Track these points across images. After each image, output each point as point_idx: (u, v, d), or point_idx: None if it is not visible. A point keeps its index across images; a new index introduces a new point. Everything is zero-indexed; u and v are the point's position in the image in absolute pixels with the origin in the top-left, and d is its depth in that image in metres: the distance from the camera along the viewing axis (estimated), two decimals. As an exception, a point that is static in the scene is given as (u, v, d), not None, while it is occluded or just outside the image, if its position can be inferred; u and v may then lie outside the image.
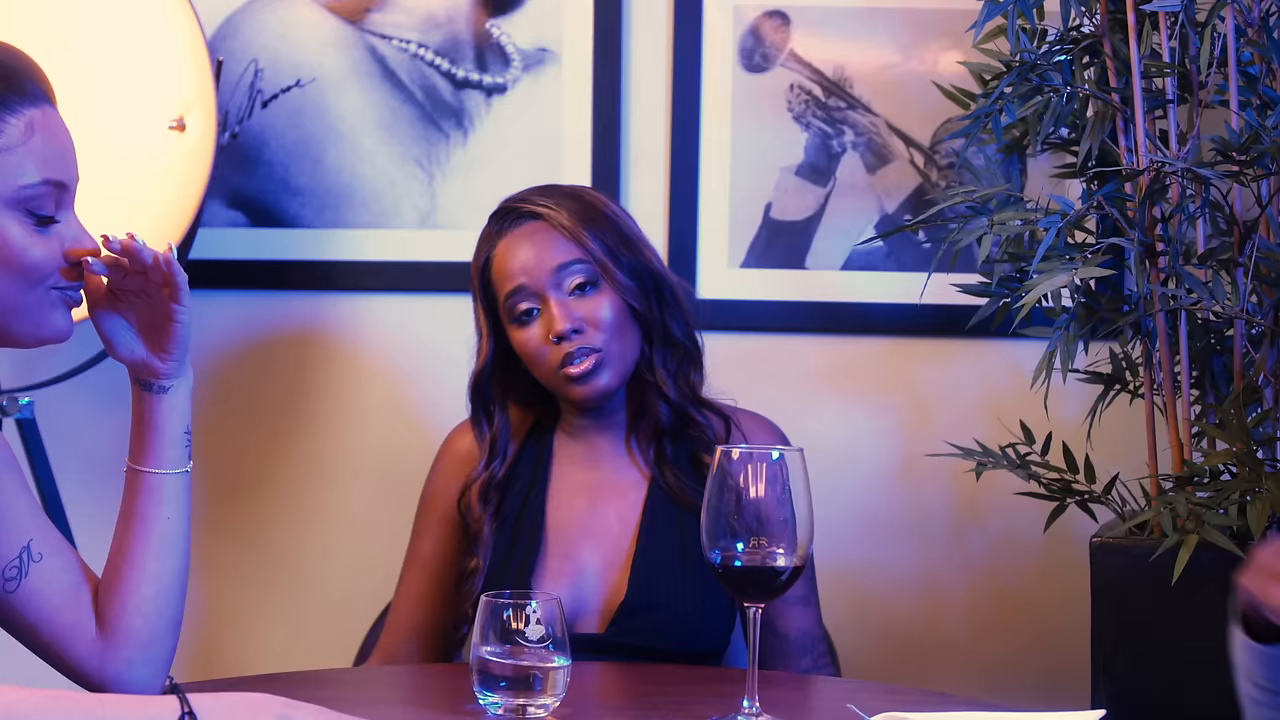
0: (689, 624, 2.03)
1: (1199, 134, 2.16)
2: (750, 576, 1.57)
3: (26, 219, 1.44)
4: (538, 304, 2.02)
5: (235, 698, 1.36)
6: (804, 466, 1.58)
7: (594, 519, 2.08)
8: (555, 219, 2.06)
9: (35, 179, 1.43)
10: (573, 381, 2.01)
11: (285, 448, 2.65)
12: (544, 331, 2.01)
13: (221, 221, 2.60)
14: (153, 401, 1.61)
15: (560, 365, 2.00)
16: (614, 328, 2.03)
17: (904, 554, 2.59)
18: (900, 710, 1.59)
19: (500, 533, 2.07)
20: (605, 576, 2.05)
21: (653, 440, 2.09)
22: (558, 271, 2.02)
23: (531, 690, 1.62)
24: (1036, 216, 2.17)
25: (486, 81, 2.60)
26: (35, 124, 1.45)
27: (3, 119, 1.43)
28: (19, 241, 1.43)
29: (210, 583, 2.62)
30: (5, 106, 1.43)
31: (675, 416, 2.08)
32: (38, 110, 1.46)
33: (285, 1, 2.61)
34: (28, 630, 1.60)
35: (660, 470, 2.08)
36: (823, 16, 2.57)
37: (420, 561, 2.15)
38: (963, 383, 2.57)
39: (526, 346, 2.04)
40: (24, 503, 1.60)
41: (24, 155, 1.43)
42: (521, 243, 2.05)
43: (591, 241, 2.04)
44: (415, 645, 2.13)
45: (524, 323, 2.03)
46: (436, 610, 2.13)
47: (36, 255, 1.44)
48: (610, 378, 2.02)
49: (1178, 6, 2.12)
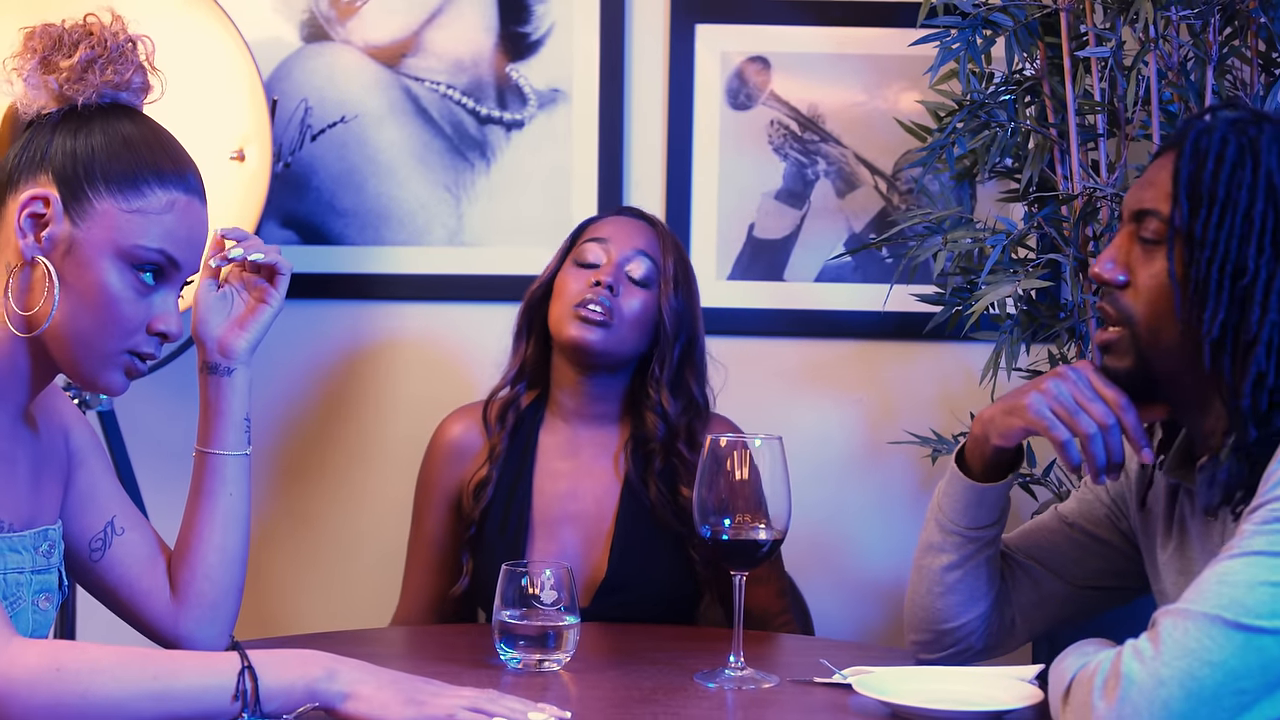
0: (662, 599, 2.02)
1: (1126, 163, 2.16)
2: (735, 548, 1.58)
3: (131, 276, 1.41)
4: (603, 260, 2.04)
5: (288, 653, 1.37)
6: (783, 453, 1.59)
7: (574, 503, 2.07)
8: (657, 226, 2.12)
9: (153, 245, 1.41)
10: (578, 319, 1.99)
11: (332, 437, 2.65)
12: (592, 276, 2.02)
13: (276, 239, 2.60)
14: (218, 385, 1.61)
15: (579, 302, 2.00)
16: (636, 319, 2.03)
17: (870, 528, 2.59)
18: (866, 665, 1.60)
19: (491, 517, 2.05)
20: (586, 556, 2.04)
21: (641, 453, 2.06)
22: (634, 252, 2.05)
23: (546, 647, 1.63)
24: (984, 235, 2.18)
25: (506, 118, 2.61)
26: (177, 204, 1.43)
27: (152, 188, 1.42)
28: (116, 290, 1.41)
29: (267, 554, 2.62)
30: (159, 179, 1.42)
31: (669, 436, 2.05)
32: (185, 196, 1.44)
33: (331, 48, 2.62)
34: (110, 594, 1.61)
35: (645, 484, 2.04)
36: (799, 62, 2.57)
37: (424, 539, 2.14)
38: (921, 380, 2.57)
39: (567, 280, 2.04)
40: (107, 484, 1.61)
41: (153, 222, 1.41)
42: (623, 223, 2.10)
43: (667, 262, 2.07)
44: (426, 609, 2.13)
45: (580, 264, 2.05)
46: (442, 578, 2.12)
47: (125, 310, 1.41)
48: (604, 341, 2.00)
49: (1107, 53, 2.13)
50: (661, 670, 1.65)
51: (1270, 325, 1.36)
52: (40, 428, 1.52)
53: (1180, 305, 1.40)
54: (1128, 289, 1.46)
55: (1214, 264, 1.37)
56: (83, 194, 1.40)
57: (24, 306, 1.41)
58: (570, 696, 1.53)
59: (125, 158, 1.41)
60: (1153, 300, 1.43)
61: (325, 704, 1.35)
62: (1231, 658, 1.22)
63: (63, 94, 1.42)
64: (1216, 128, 1.41)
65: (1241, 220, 1.37)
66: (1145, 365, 1.45)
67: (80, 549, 1.58)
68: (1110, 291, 1.47)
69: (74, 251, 1.40)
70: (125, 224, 1.40)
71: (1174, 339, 1.42)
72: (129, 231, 1.40)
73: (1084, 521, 1.68)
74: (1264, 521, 1.27)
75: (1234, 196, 1.38)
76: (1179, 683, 1.21)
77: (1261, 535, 1.26)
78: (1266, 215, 1.37)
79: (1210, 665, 1.21)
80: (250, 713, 1.31)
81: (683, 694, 1.54)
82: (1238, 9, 2.11)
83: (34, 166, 1.41)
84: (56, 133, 1.42)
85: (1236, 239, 1.37)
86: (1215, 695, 1.21)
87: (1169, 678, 1.22)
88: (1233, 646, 1.22)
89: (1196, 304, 1.38)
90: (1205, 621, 1.23)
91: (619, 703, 1.51)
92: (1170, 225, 1.41)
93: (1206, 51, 2.11)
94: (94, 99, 1.43)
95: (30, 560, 1.46)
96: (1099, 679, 1.25)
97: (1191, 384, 1.43)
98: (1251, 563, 1.25)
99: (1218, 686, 1.21)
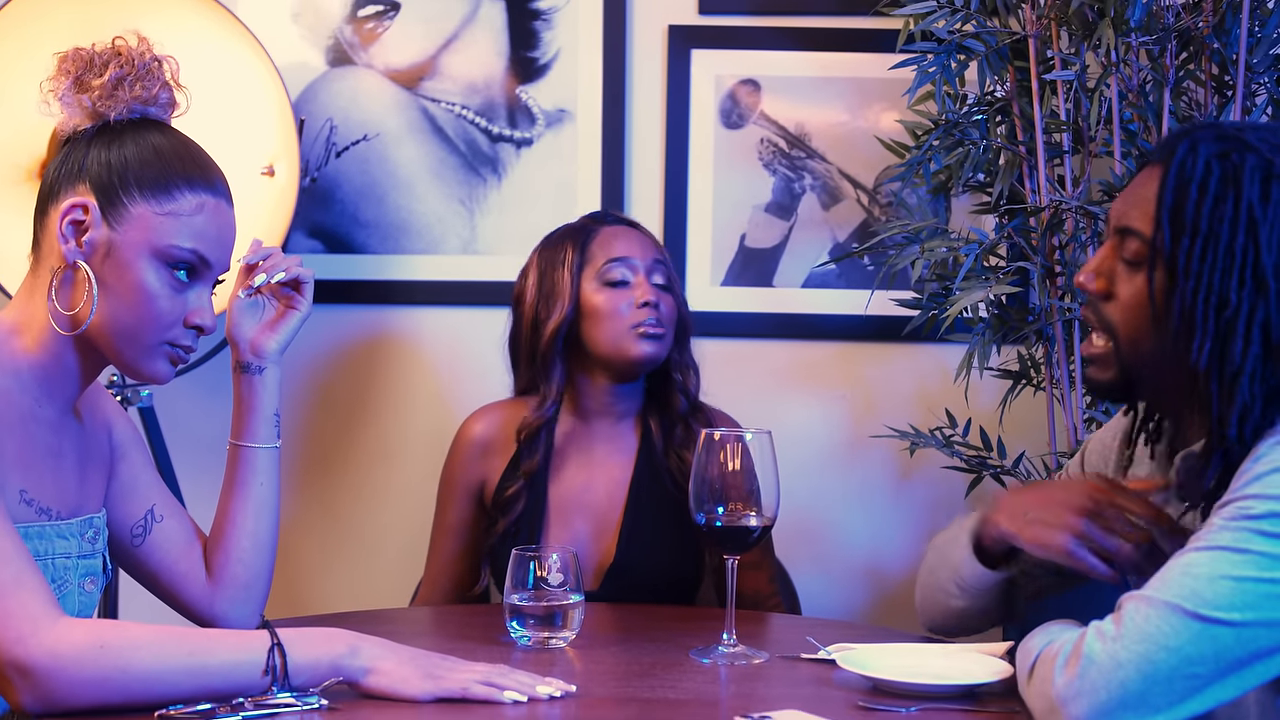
0: (665, 582, 2.02)
1: (1089, 178, 2.16)
2: (728, 534, 1.59)
3: (166, 274, 1.42)
4: (633, 277, 2.03)
5: (314, 631, 1.37)
6: (772, 446, 1.59)
7: (587, 494, 2.06)
8: (648, 234, 2.12)
9: (185, 245, 1.42)
10: (643, 338, 2.00)
11: (354, 432, 2.66)
12: (635, 297, 2.01)
13: (303, 249, 2.60)
14: (251, 383, 1.62)
15: (638, 324, 2.00)
16: (673, 320, 2.05)
17: (853, 516, 2.59)
18: (850, 642, 1.60)
19: (511, 506, 2.04)
20: (597, 543, 2.04)
21: (664, 425, 2.07)
22: (653, 262, 2.06)
23: (553, 626, 1.63)
24: (958, 245, 2.18)
25: (516, 136, 2.61)
26: (206, 207, 1.44)
27: (182, 191, 1.42)
28: (153, 288, 1.42)
29: (296, 539, 2.62)
30: (188, 184, 1.43)
31: (690, 408, 2.08)
32: (213, 199, 1.45)
33: (355, 72, 2.62)
34: (150, 577, 1.61)
35: (666, 453, 2.06)
36: (787, 84, 2.57)
37: (446, 529, 2.12)
38: (900, 378, 2.57)
39: (609, 304, 2.02)
40: (148, 475, 1.61)
41: (184, 223, 1.42)
42: (627, 234, 2.09)
43: (668, 260, 2.10)
44: (447, 595, 2.12)
45: (615, 286, 2.03)
46: (463, 567, 2.11)
47: (162, 305, 1.42)
48: (664, 349, 2.03)
49: (1072, 76, 2.13)
50: (660, 647, 1.65)
51: (1254, 357, 1.31)
52: (86, 422, 1.52)
53: (1162, 330, 1.35)
54: (1109, 301, 1.42)
55: (1199, 295, 1.32)
56: (118, 200, 1.40)
57: (67, 307, 1.42)
58: (575, 671, 1.53)
59: (156, 165, 1.42)
60: (1132, 315, 1.39)
61: (349, 678, 1.35)
62: (1187, 644, 1.21)
63: (96, 110, 1.43)
64: (1200, 154, 1.34)
65: (1224, 254, 1.31)
66: (1127, 376, 1.42)
67: (123, 535, 1.58)
68: (1093, 300, 1.44)
69: (113, 254, 1.40)
70: (159, 226, 1.41)
71: (1153, 352, 1.38)
72: (163, 233, 1.41)
73: None
74: (1232, 518, 1.25)
75: (1216, 230, 1.32)
76: (1136, 665, 1.21)
77: (1228, 531, 1.24)
78: (1247, 249, 1.31)
79: (1167, 650, 1.21)
80: (279, 686, 1.31)
81: (679, 668, 1.54)
82: (1192, 35, 2.11)
83: (72, 177, 1.42)
84: (92, 146, 1.43)
85: (1219, 272, 1.31)
86: (1169, 679, 1.21)
87: (1127, 660, 1.21)
88: (1189, 634, 1.21)
89: (1184, 334, 1.33)
90: (1166, 609, 1.22)
91: (620, 676, 1.51)
92: (1151, 248, 1.36)
93: (1164, 75, 2.11)
94: (125, 114, 1.44)
95: (77, 546, 1.46)
96: (1061, 657, 1.25)
97: (1173, 395, 1.40)
98: (1215, 557, 1.24)
99: (1172, 671, 1.21)
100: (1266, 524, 1.23)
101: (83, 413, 1.52)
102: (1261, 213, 1.31)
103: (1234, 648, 1.21)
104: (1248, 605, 1.21)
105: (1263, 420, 1.31)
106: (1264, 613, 1.21)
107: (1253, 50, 2.09)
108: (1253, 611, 1.21)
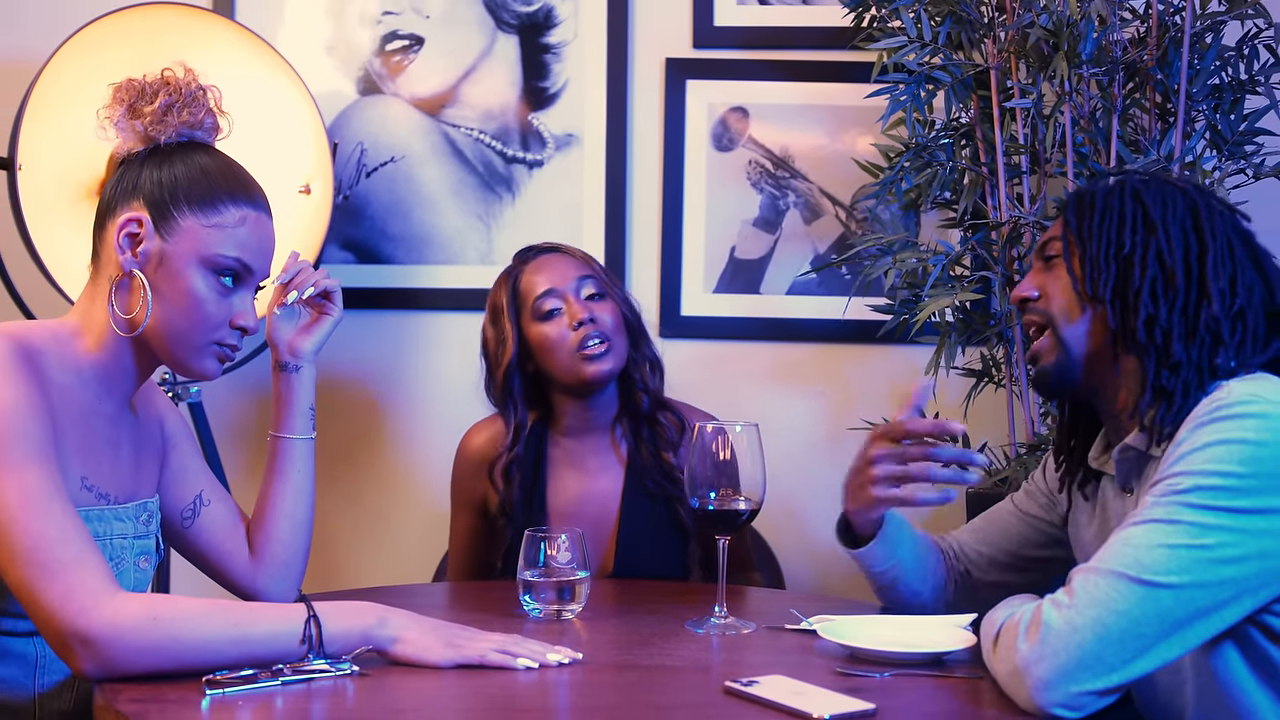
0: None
1: (1045, 196, 2.16)
2: (719, 516, 1.59)
3: (213, 280, 1.43)
4: (561, 303, 1.97)
5: (347, 604, 1.38)
6: (759, 438, 1.60)
7: (583, 508, 2.02)
8: (570, 251, 2.05)
9: (230, 254, 1.43)
10: (588, 359, 1.94)
11: (382, 426, 2.66)
12: (567, 321, 1.95)
13: (336, 260, 2.61)
14: (288, 380, 1.62)
15: (579, 346, 1.94)
16: (616, 326, 1.99)
17: (832, 501, 2.55)
18: (829, 614, 1.60)
19: (513, 516, 2.01)
20: (594, 554, 1.99)
21: (633, 427, 2.03)
22: (578, 281, 1.99)
23: (563, 599, 1.63)
24: (927, 256, 2.18)
25: (529, 158, 2.61)
26: (248, 219, 1.44)
27: (226, 205, 1.43)
28: (201, 293, 1.42)
29: (329, 522, 2.62)
30: (231, 198, 1.44)
31: (652, 405, 2.02)
32: (254, 212, 1.45)
33: (383, 100, 2.62)
34: (199, 556, 1.61)
35: (639, 451, 2.02)
36: (773, 111, 2.57)
37: (458, 533, 2.11)
38: (874, 376, 2.57)
39: (549, 336, 1.97)
40: (196, 463, 1.61)
41: (229, 234, 1.43)
42: (548, 263, 2.02)
43: (597, 269, 2.04)
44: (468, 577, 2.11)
45: (549, 318, 1.97)
46: (475, 562, 2.10)
47: (210, 309, 1.43)
48: (614, 362, 1.97)
49: (1029, 104, 2.13)
50: (658, 618, 1.65)
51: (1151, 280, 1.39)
52: (140, 416, 1.52)
53: (1084, 298, 1.44)
54: (1040, 300, 1.50)
55: (1101, 248, 1.43)
56: (170, 214, 1.41)
57: (125, 312, 1.42)
58: (582, 640, 1.53)
59: (203, 183, 1.43)
60: (1062, 298, 1.47)
61: (378, 646, 1.35)
62: (1134, 607, 1.22)
63: (147, 134, 1.44)
64: (1094, 186, 1.50)
65: (1116, 217, 1.44)
66: (1067, 355, 1.46)
67: (174, 518, 1.58)
68: (1029, 306, 1.51)
69: (165, 263, 1.41)
70: (206, 237, 1.42)
71: (1085, 321, 1.44)
72: (209, 243, 1.42)
73: (1027, 507, 1.69)
74: (1162, 494, 1.27)
75: (1110, 205, 1.45)
76: (1090, 629, 1.22)
77: (1160, 506, 1.27)
78: (1136, 211, 1.43)
79: (1116, 614, 1.22)
80: (315, 654, 1.31)
81: (675, 638, 1.54)
82: (1138, 68, 2.12)
83: (127, 195, 1.43)
84: (145, 166, 1.43)
85: (1114, 228, 1.43)
86: (1120, 639, 1.22)
87: (1082, 625, 1.22)
88: (1135, 598, 1.22)
89: (1095, 280, 1.42)
90: (1112, 576, 1.23)
91: (623, 645, 1.52)
92: (1064, 239, 1.48)
93: (1112, 103, 2.11)
94: (174, 137, 1.45)
95: (132, 528, 1.46)
96: (1023, 625, 1.26)
97: (1108, 359, 1.44)
98: (1150, 529, 1.25)
99: (1122, 632, 1.22)
100: (1193, 496, 1.25)
101: (138, 407, 1.52)
102: (1146, 193, 1.45)
103: (1175, 609, 1.22)
104: (1183, 569, 1.23)
105: (1186, 361, 1.37)
106: (1198, 575, 1.23)
107: (1193, 81, 2.10)
108: (1188, 575, 1.23)
